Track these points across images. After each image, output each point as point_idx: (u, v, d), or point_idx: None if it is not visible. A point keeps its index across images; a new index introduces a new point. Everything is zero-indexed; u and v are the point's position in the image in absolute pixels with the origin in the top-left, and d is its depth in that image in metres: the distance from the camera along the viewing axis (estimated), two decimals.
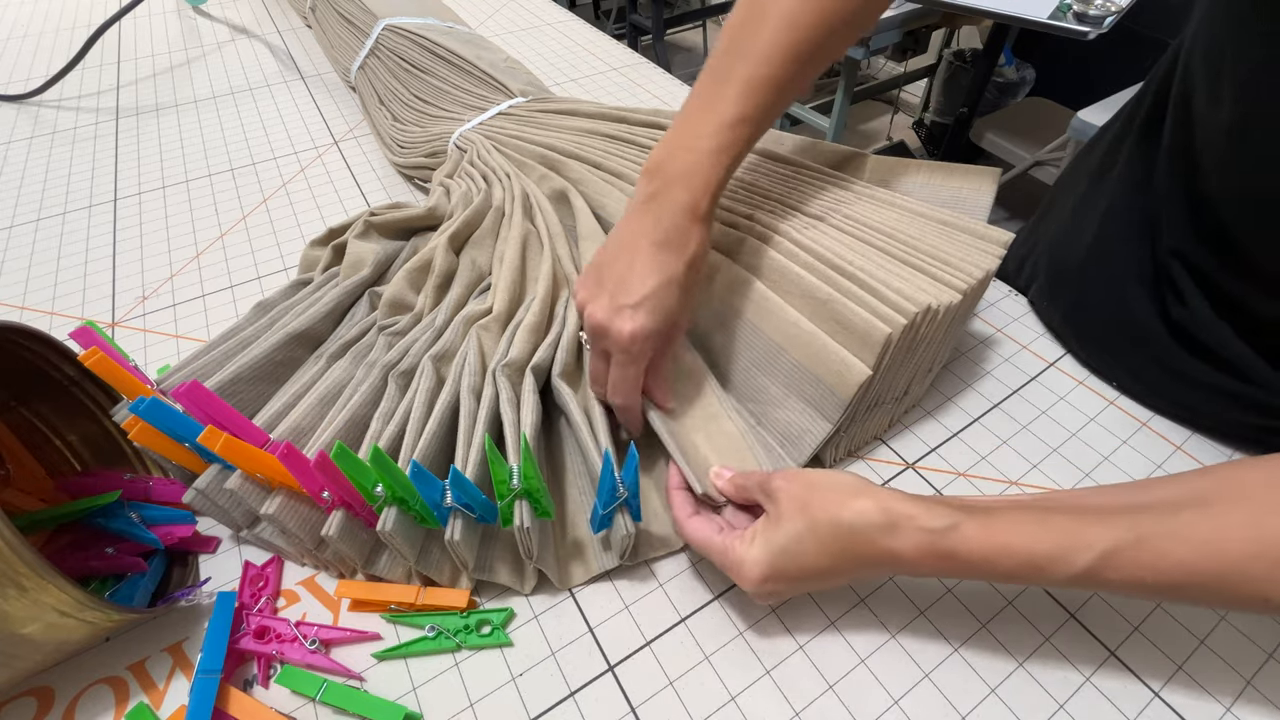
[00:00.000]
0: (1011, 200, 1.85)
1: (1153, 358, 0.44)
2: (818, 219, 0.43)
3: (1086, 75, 1.77)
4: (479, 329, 0.44)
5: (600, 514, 0.34)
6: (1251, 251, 0.37)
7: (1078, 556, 0.27)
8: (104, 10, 1.09)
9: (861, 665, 0.34)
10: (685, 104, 0.38)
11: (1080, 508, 0.29)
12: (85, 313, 0.55)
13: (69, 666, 0.35)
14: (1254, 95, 0.34)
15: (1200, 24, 0.38)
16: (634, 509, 0.34)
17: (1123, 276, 0.45)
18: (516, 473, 0.32)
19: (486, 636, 0.35)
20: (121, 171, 0.71)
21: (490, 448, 0.32)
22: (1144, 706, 0.32)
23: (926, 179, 0.46)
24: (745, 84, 0.35)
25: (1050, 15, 1.12)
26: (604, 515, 0.34)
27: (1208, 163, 0.38)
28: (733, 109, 0.35)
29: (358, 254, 0.50)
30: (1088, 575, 0.27)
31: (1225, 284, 0.39)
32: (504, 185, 0.56)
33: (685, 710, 0.32)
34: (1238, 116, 0.35)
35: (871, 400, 0.39)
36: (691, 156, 0.36)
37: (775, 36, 0.35)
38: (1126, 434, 0.44)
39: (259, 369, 0.42)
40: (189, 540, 0.38)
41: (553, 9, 1.04)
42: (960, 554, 0.28)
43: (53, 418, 0.41)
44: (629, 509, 0.34)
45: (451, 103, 0.69)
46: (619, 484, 0.33)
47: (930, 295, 0.36)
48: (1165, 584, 0.26)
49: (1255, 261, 0.37)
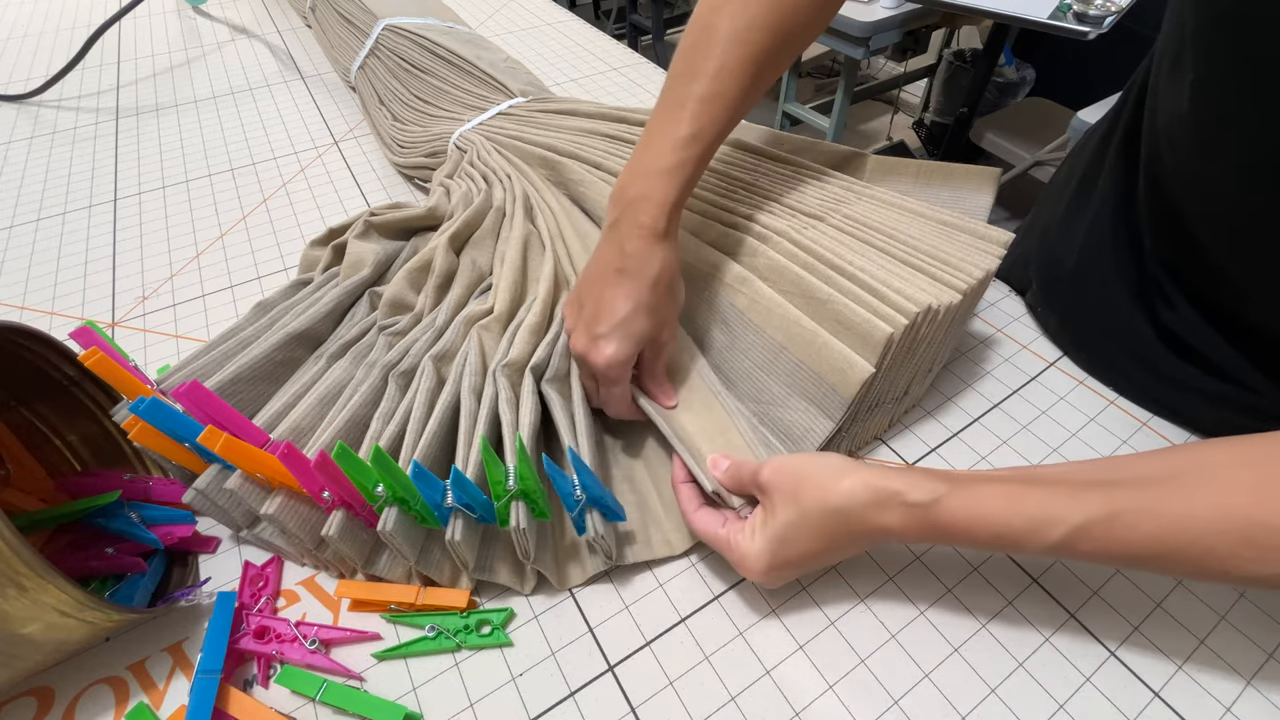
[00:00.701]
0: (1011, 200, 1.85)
1: (1143, 362, 0.44)
2: (817, 219, 0.43)
3: (1086, 75, 1.77)
4: (480, 329, 0.44)
5: (574, 517, 0.34)
6: (1223, 263, 0.37)
7: (1052, 529, 0.28)
8: (104, 10, 1.09)
9: (861, 665, 0.34)
10: (645, 130, 0.39)
11: (1056, 480, 0.30)
12: (85, 313, 0.55)
13: (69, 666, 0.35)
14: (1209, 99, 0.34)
15: (1165, 32, 0.38)
16: (606, 510, 0.35)
17: (1112, 282, 0.45)
18: (513, 474, 0.32)
19: (486, 636, 0.35)
20: (121, 171, 0.71)
21: (485, 449, 0.32)
22: (1144, 706, 0.32)
23: (926, 179, 0.46)
24: (698, 102, 0.36)
25: (1050, 15, 1.12)
26: (576, 518, 0.34)
27: (1172, 172, 0.38)
28: (685, 128, 0.36)
29: (358, 254, 0.50)
30: (1061, 546, 0.28)
31: (1208, 291, 0.39)
32: (504, 186, 0.56)
33: (685, 710, 0.32)
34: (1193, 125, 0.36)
35: (872, 400, 0.39)
36: (646, 180, 0.37)
37: (726, 54, 0.36)
38: (1126, 434, 0.44)
39: (259, 369, 0.42)
40: (189, 540, 0.38)
41: (553, 9, 1.04)
42: (943, 525, 0.30)
43: (53, 418, 0.41)
44: (598, 510, 0.34)
45: (451, 103, 0.69)
46: (575, 488, 0.33)
47: (930, 295, 0.36)
48: (1134, 555, 0.28)
49: (1226, 271, 0.37)
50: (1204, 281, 0.39)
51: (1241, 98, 0.32)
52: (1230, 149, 0.34)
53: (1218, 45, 0.33)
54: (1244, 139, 0.33)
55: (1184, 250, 0.40)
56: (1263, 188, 0.33)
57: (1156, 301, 0.43)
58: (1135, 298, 0.44)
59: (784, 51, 0.38)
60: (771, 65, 0.38)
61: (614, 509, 0.35)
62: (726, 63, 0.36)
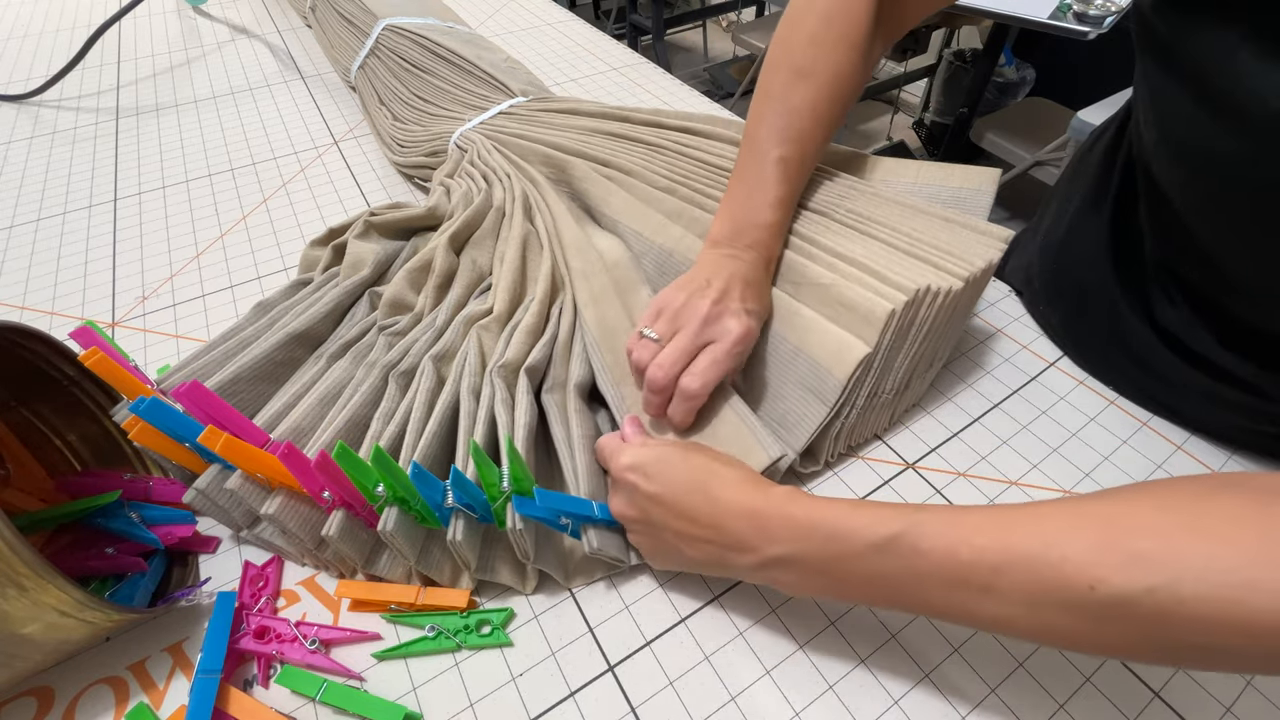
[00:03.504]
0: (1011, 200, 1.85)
1: (1144, 364, 0.44)
2: (821, 214, 0.43)
3: (1087, 75, 1.77)
4: (479, 329, 0.44)
5: (569, 534, 0.35)
6: (1225, 265, 0.37)
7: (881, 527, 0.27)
8: (104, 10, 1.09)
9: (861, 665, 0.34)
10: (731, 182, 0.42)
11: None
12: (85, 313, 0.55)
13: (69, 666, 0.35)
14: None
15: None
16: (605, 522, 0.35)
17: (1114, 284, 0.45)
18: (506, 475, 0.32)
19: (486, 636, 0.35)
20: (121, 171, 0.71)
21: (476, 451, 0.32)
22: (1144, 706, 0.32)
23: (927, 179, 0.46)
24: (783, 165, 0.41)
25: (1050, 15, 1.12)
26: (571, 534, 0.34)
27: (1162, 175, 0.38)
28: (782, 189, 0.41)
29: (358, 254, 0.50)
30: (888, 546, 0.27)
31: (1209, 293, 0.40)
32: (504, 185, 0.56)
33: (685, 710, 0.32)
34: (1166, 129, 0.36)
35: (871, 391, 0.39)
36: (758, 233, 0.40)
37: (801, 123, 0.41)
38: (1126, 434, 0.44)
39: (259, 369, 0.42)
40: (189, 540, 0.38)
41: (553, 9, 1.04)
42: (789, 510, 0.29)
43: (53, 418, 0.41)
44: (593, 526, 0.35)
45: (452, 102, 0.69)
46: (560, 517, 0.34)
47: (931, 278, 0.36)
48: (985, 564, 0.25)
49: (1228, 272, 0.37)
50: (1206, 283, 0.39)
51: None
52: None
53: None
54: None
55: (1186, 252, 0.40)
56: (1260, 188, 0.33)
57: (1157, 302, 0.43)
58: (1136, 299, 0.44)
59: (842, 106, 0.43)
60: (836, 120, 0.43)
61: (612, 520, 0.35)
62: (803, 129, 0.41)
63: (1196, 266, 0.39)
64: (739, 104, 2.34)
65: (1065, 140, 1.48)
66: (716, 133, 0.52)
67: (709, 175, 0.49)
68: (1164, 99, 0.35)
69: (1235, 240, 0.35)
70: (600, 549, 0.34)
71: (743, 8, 2.68)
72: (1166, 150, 0.37)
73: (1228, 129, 0.31)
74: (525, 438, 0.37)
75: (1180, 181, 0.37)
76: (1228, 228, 0.35)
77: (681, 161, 0.51)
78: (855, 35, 0.41)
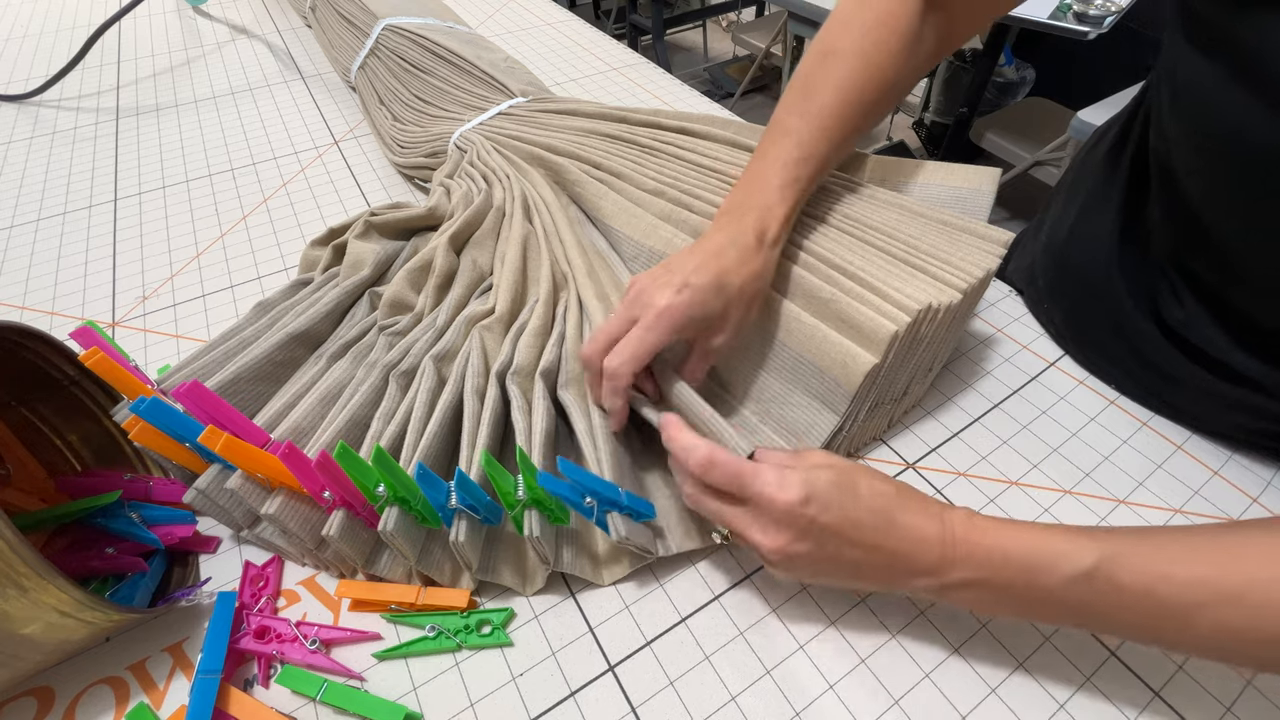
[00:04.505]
0: (1011, 200, 1.85)
1: (1148, 362, 0.44)
2: (818, 220, 0.43)
3: (1086, 75, 1.77)
4: (481, 329, 0.44)
5: (596, 523, 0.34)
6: (1243, 259, 0.37)
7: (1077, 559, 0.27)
8: (104, 10, 1.09)
9: (862, 665, 0.34)
10: (751, 161, 0.41)
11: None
12: (85, 313, 0.55)
13: (69, 666, 0.35)
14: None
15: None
16: (630, 511, 0.34)
17: (1120, 281, 0.45)
18: (520, 484, 0.32)
19: (487, 636, 0.35)
20: (121, 171, 0.71)
21: (488, 461, 0.32)
22: (1144, 706, 0.32)
23: (926, 179, 0.46)
24: (794, 133, 0.40)
25: (1050, 15, 1.12)
26: (598, 523, 0.34)
27: (1183, 168, 0.38)
28: (795, 151, 0.39)
29: (358, 254, 0.50)
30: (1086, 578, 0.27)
31: (1220, 291, 0.39)
32: (504, 186, 0.56)
33: (685, 710, 0.32)
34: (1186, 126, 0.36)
35: (873, 401, 0.39)
36: (761, 195, 0.39)
37: (822, 97, 0.40)
38: (1127, 434, 0.44)
39: (259, 369, 0.42)
40: (189, 540, 0.38)
41: (553, 9, 1.04)
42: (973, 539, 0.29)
43: (53, 418, 0.41)
44: (619, 513, 0.34)
45: (452, 103, 0.69)
46: (584, 497, 0.33)
47: (931, 294, 0.36)
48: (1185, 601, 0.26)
49: (1245, 268, 0.37)
50: (1217, 280, 0.39)
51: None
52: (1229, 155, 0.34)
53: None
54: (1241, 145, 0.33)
55: (1200, 249, 0.39)
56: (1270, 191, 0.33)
57: (1163, 300, 0.42)
58: (1142, 296, 0.44)
59: (878, 107, 0.42)
60: (870, 116, 0.42)
61: (639, 508, 0.34)
62: (832, 108, 0.40)
63: (1210, 263, 0.39)
64: (739, 104, 2.34)
65: (1065, 140, 1.48)
66: (713, 133, 0.52)
67: (699, 177, 0.48)
68: (1202, 91, 0.34)
69: (1261, 234, 0.35)
70: (628, 537, 0.33)
71: (743, 8, 2.68)
72: (1196, 143, 0.36)
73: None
74: (542, 444, 0.37)
75: (1212, 176, 0.36)
76: (1264, 221, 0.35)
77: (673, 164, 0.51)
78: (894, 21, 0.40)
